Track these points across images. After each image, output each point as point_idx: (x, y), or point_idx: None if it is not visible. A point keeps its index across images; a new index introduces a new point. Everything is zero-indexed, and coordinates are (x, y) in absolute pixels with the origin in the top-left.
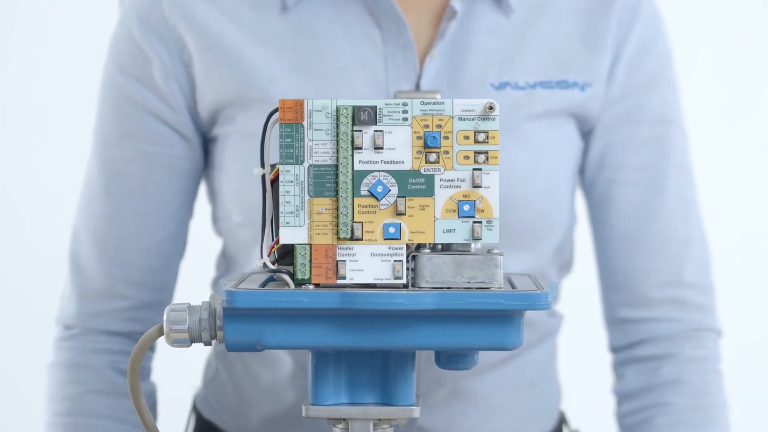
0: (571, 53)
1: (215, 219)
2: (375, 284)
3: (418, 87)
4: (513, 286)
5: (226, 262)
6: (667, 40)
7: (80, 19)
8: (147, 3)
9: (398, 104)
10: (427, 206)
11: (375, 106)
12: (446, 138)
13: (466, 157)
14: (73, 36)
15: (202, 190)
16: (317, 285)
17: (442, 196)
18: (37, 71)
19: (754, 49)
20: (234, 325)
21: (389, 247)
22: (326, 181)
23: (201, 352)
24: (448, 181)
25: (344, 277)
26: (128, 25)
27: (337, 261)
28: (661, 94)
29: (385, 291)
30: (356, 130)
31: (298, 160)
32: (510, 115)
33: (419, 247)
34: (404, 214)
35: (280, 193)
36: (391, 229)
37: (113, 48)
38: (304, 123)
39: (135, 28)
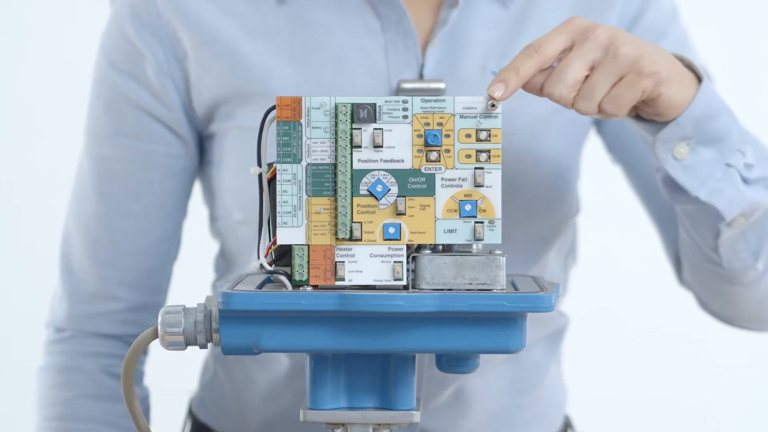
0: None
1: (213, 219)
2: (374, 286)
3: (421, 76)
4: (515, 288)
5: (225, 262)
6: (675, 6)
7: (74, 16)
8: None
9: (398, 102)
10: (428, 206)
11: (374, 104)
12: (447, 136)
13: (468, 156)
14: (67, 32)
15: (197, 191)
16: (315, 286)
17: (443, 195)
18: (32, 70)
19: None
20: (230, 327)
21: (389, 248)
22: (324, 181)
23: (196, 355)
24: (449, 180)
25: (343, 279)
26: (121, 20)
27: (336, 262)
28: (670, 44)
29: (385, 293)
30: (355, 128)
31: (296, 159)
32: (512, 102)
33: (419, 247)
34: (404, 214)
35: (278, 193)
36: (391, 230)
37: (105, 44)
38: (302, 121)
39: (128, 24)
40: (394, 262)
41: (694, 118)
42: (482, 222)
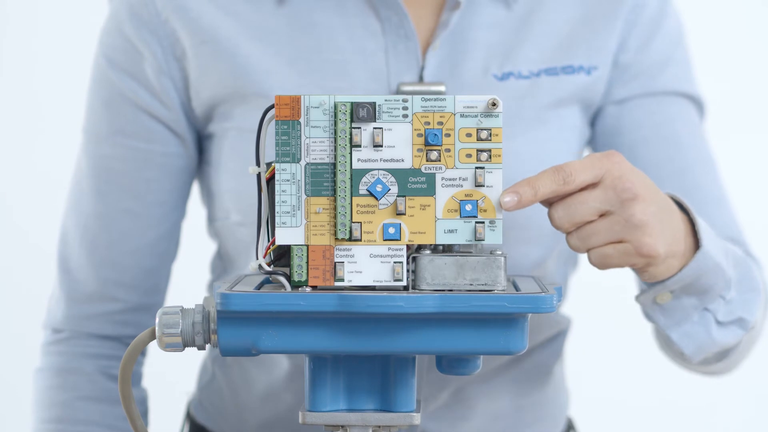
0: (576, 37)
1: (211, 219)
2: (374, 286)
3: (421, 79)
4: (516, 289)
5: (222, 263)
6: (678, 18)
7: (72, 13)
8: None
9: (398, 100)
10: (428, 206)
11: (374, 103)
12: (448, 135)
13: (468, 155)
14: (65, 30)
15: (195, 191)
16: (314, 287)
17: (444, 195)
18: (31, 69)
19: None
20: (228, 328)
21: (389, 248)
22: (324, 180)
23: (194, 357)
24: (450, 180)
25: (342, 279)
26: (119, 18)
27: (335, 262)
28: (675, 70)
29: (385, 294)
30: (355, 127)
31: (295, 159)
32: (514, 106)
33: (420, 248)
34: (404, 214)
35: (276, 193)
36: (391, 230)
37: (103, 42)
38: (301, 120)
39: (126, 22)
40: (394, 262)
41: (683, 281)
42: (483, 222)
